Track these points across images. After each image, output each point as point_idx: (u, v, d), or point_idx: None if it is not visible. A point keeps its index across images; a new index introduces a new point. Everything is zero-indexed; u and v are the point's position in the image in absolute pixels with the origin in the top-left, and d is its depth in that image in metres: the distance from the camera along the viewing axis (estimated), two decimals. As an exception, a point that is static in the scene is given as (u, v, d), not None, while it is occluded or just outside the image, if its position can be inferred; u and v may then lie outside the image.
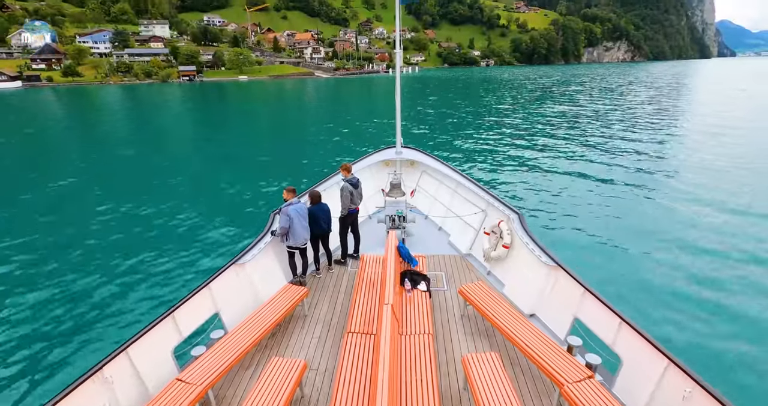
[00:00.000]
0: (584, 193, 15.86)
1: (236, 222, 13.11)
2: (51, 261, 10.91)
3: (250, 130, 34.81)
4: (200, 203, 15.07)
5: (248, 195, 16.01)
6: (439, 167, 9.47)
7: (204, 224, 13.04)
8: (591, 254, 10.74)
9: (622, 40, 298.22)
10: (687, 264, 10.45)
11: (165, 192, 16.75)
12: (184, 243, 11.68)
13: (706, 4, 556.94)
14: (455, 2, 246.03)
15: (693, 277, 9.86)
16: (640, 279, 9.64)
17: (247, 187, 16.92)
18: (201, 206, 14.80)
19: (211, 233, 12.31)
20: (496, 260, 7.05)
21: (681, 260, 10.66)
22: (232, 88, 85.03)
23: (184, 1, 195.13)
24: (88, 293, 9.36)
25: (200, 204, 14.97)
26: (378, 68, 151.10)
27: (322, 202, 6.96)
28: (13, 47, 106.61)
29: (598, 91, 63.39)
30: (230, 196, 16.02)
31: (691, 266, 10.34)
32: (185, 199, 15.69)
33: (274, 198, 14.94)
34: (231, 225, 12.85)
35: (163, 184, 18.06)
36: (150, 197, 15.93)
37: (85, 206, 15.11)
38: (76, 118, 44.23)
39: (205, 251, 11.22)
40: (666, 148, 24.13)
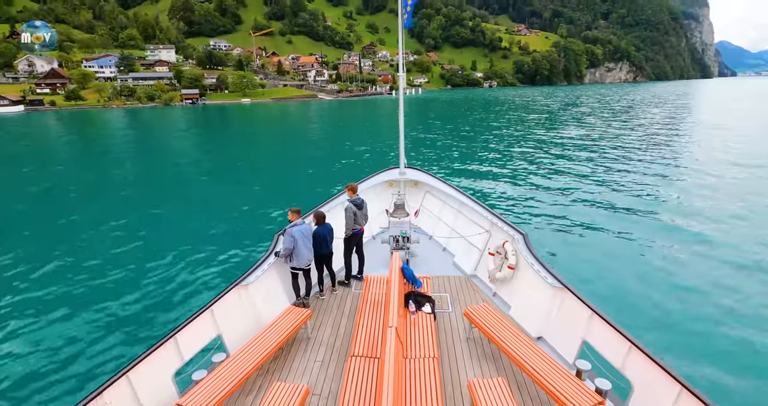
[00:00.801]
0: (589, 213, 15.54)
1: (240, 243, 12.96)
2: (53, 281, 10.82)
3: (253, 151, 34.42)
4: (203, 224, 14.86)
5: (252, 216, 15.92)
6: (442, 188, 9.48)
7: (207, 244, 12.90)
8: (597, 276, 10.45)
9: (624, 61, 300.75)
10: (699, 286, 10.00)
11: (167, 214, 16.68)
12: (188, 264, 11.56)
13: (705, 26, 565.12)
14: (457, 26, 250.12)
15: (706, 300, 9.45)
16: (649, 301, 9.31)
17: (251, 208, 16.80)
18: (204, 226, 14.60)
19: (214, 254, 12.15)
20: (501, 281, 6.93)
21: (691, 281, 10.24)
22: (235, 110, 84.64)
23: (191, 27, 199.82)
24: (87, 315, 9.21)
25: (203, 225, 14.77)
26: (381, 90, 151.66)
27: (326, 222, 6.92)
28: (19, 72, 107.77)
29: (606, 112, 61.62)
30: (234, 217, 15.83)
31: (703, 288, 9.90)
32: (188, 220, 15.55)
33: (278, 219, 14.83)
34: (234, 246, 12.70)
35: (164, 205, 17.86)
36: (152, 219, 15.84)
37: (86, 227, 15.01)
38: (75, 142, 43.41)
39: (208, 272, 11.11)
40: (678, 168, 23.19)
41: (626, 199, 17.34)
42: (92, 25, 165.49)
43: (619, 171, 22.57)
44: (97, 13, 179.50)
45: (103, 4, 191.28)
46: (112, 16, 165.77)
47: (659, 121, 48.94)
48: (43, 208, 18.38)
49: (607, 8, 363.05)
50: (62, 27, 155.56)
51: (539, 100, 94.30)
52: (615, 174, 21.91)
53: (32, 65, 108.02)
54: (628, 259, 11.58)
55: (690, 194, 18.05)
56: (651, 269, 10.92)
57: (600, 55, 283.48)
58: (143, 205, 17.96)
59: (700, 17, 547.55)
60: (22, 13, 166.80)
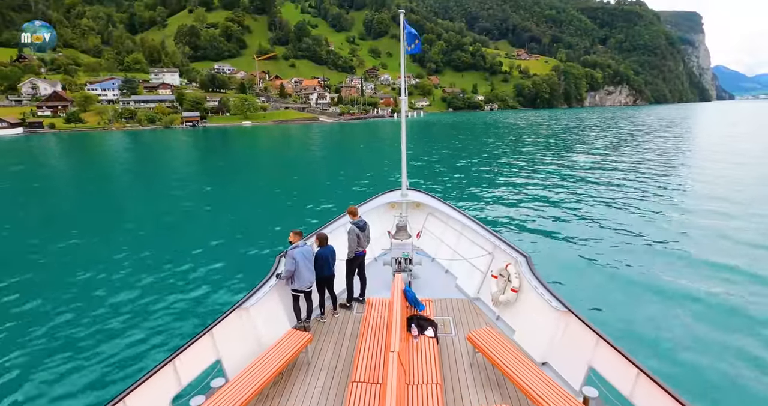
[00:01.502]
0: (593, 236, 15.17)
1: (241, 264, 12.86)
2: (51, 303, 10.71)
3: (253, 172, 33.89)
4: (203, 245, 14.66)
5: (253, 237, 15.66)
6: (444, 209, 9.50)
7: (208, 266, 12.76)
8: (602, 300, 10.21)
9: (623, 84, 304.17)
10: (710, 312, 9.74)
11: (166, 236, 16.40)
12: (188, 285, 11.46)
13: (701, 51, 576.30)
14: (458, 50, 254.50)
15: (717, 327, 9.15)
16: (656, 326, 9.08)
17: (252, 230, 16.64)
18: (204, 248, 14.43)
19: (215, 276, 12.04)
20: (504, 304, 6.84)
21: (702, 307, 9.98)
22: (235, 133, 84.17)
23: (196, 52, 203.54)
24: (85, 337, 9.06)
25: (203, 246, 14.59)
26: (383, 113, 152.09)
27: (328, 244, 6.91)
28: (23, 95, 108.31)
29: (610, 134, 60.08)
30: (235, 238, 15.61)
31: (715, 316, 9.62)
32: (188, 241, 15.31)
33: (279, 240, 14.54)
34: (235, 267, 12.60)
35: (164, 227, 17.57)
36: (150, 241, 15.56)
37: (82, 248, 14.90)
38: (72, 165, 42.51)
39: (209, 293, 10.97)
40: (688, 193, 22.55)
41: (632, 222, 16.90)
42: (100, 49, 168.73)
43: (625, 194, 21.98)
44: (106, 38, 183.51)
45: (111, 29, 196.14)
46: (120, 42, 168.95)
47: (670, 144, 47.42)
48: (41, 229, 17.71)
49: (605, 34, 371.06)
50: (69, 51, 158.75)
51: (542, 123, 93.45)
52: (621, 197, 21.35)
53: (36, 88, 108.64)
54: (633, 283, 11.27)
55: (701, 218, 17.38)
56: (658, 294, 10.57)
57: (599, 79, 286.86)
58: (141, 226, 17.59)
59: (696, 42, 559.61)
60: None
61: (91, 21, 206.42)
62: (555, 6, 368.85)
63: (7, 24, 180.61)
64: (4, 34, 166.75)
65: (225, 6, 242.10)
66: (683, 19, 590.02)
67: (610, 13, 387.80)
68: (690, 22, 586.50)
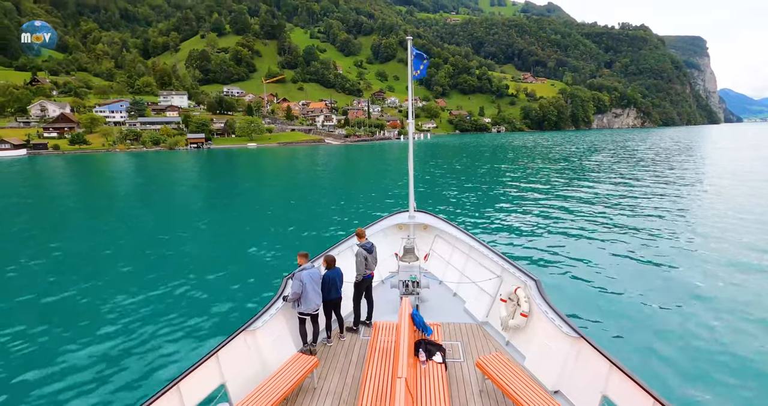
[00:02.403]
0: (605, 259, 14.67)
1: (247, 286, 12.64)
2: (50, 324, 10.47)
3: (258, 195, 33.50)
4: (209, 267, 14.40)
5: (260, 259, 15.43)
6: (452, 231, 9.41)
7: (214, 287, 12.59)
8: (614, 326, 9.67)
9: (631, 107, 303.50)
10: (729, 341, 9.18)
11: (171, 257, 16.10)
12: (194, 308, 11.14)
13: (707, 74, 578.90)
14: (464, 74, 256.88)
15: (736, 354, 8.69)
16: (672, 355, 8.66)
17: (259, 251, 16.29)
18: (210, 269, 14.17)
19: (221, 298, 11.83)
20: (514, 329, 6.69)
21: (721, 335, 9.43)
22: (240, 154, 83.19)
23: (207, 75, 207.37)
24: (86, 359, 8.92)
25: (209, 267, 14.31)
26: (390, 135, 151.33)
27: (336, 267, 6.86)
28: (31, 117, 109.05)
29: (623, 157, 57.25)
30: (241, 261, 15.29)
31: (734, 343, 9.11)
32: (193, 263, 15.05)
33: (286, 262, 14.57)
34: (242, 289, 12.42)
35: (168, 248, 17.17)
36: (155, 262, 15.33)
37: (87, 269, 14.66)
38: (72, 186, 41.31)
39: (215, 315, 10.63)
40: (711, 218, 21.21)
41: (648, 246, 16.00)
42: (112, 73, 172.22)
43: (642, 218, 20.95)
44: (119, 62, 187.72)
45: (125, 54, 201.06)
46: (132, 65, 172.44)
47: (693, 167, 44.52)
48: (42, 250, 17.16)
49: (610, 58, 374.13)
50: (82, 74, 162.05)
51: (550, 146, 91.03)
52: (636, 220, 20.44)
53: (45, 110, 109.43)
54: (648, 309, 10.77)
55: (722, 244, 16.32)
56: (675, 321, 10.07)
57: (606, 102, 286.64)
58: (144, 248, 17.14)
59: (701, 66, 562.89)
60: (48, 63, 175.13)
61: (106, 46, 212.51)
62: (559, 31, 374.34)
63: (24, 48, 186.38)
64: (21, 59, 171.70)
65: (236, 32, 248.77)
66: (688, 43, 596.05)
67: (614, 37, 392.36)
68: (694, 47, 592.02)
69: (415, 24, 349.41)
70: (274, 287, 6.47)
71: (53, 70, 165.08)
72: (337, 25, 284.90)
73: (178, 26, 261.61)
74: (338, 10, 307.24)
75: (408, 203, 9.45)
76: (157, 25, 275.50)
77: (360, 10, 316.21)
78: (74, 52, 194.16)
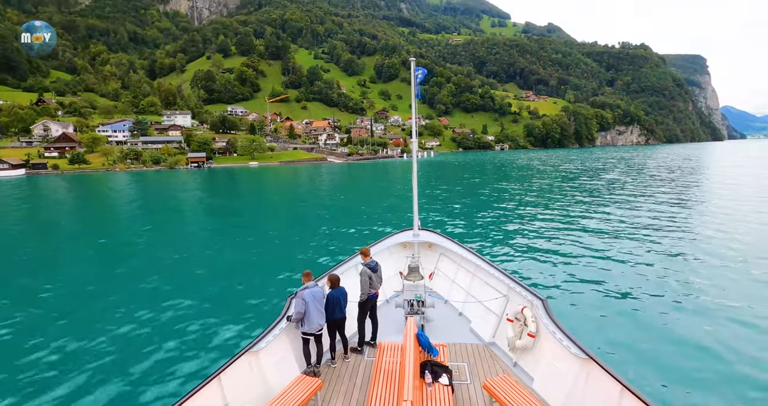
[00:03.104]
0: (614, 278, 14.13)
1: (251, 307, 12.20)
2: (52, 346, 10.18)
3: (260, 214, 33.11)
4: (212, 286, 14.13)
5: (264, 278, 15.17)
6: (457, 250, 9.42)
7: (216, 308, 12.16)
8: (625, 347, 9.41)
9: (634, 124, 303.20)
10: (747, 363, 8.81)
11: (173, 276, 15.67)
12: (195, 329, 10.81)
13: (708, 92, 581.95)
14: (467, 93, 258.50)
15: (751, 377, 8.28)
16: (685, 376, 8.39)
17: (262, 271, 16.12)
18: (213, 289, 13.87)
19: (223, 318, 11.36)
20: (522, 350, 6.56)
21: (738, 356, 9.02)
22: (241, 173, 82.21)
23: (211, 95, 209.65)
24: (84, 381, 8.70)
25: (212, 287, 14.05)
26: (392, 153, 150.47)
27: (340, 286, 6.84)
28: (34, 137, 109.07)
29: (631, 176, 55.15)
30: (244, 280, 14.94)
31: (746, 364, 8.75)
32: (196, 283, 14.77)
33: (291, 281, 14.21)
34: (245, 310, 11.98)
35: (170, 268, 16.87)
36: (156, 283, 14.88)
37: (85, 288, 14.36)
38: (68, 205, 40.16)
39: (217, 336, 10.37)
40: (728, 233, 20.58)
41: (659, 265, 15.48)
42: (118, 93, 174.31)
43: (653, 233, 20.44)
44: (126, 83, 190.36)
45: (132, 75, 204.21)
46: (138, 86, 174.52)
47: (709, 185, 42.51)
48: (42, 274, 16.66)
49: (611, 76, 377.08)
50: (88, 95, 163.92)
51: (555, 163, 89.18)
52: (647, 237, 19.88)
53: (48, 130, 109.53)
54: (660, 330, 10.27)
55: (741, 264, 15.59)
56: (688, 342, 9.61)
57: (610, 119, 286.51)
58: (143, 269, 16.78)
59: (702, 84, 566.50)
60: (55, 84, 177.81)
61: (114, 67, 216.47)
62: (560, 50, 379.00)
63: (33, 70, 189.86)
64: (29, 80, 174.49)
65: (242, 53, 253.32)
66: (688, 61, 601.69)
67: (615, 56, 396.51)
68: (695, 65, 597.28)
69: (418, 45, 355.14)
70: (279, 306, 6.35)
71: (60, 90, 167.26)
72: (340, 46, 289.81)
73: (184, 48, 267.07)
74: (342, 32, 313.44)
75: (412, 221, 9.41)
76: (164, 47, 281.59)
77: (363, 31, 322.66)
78: (82, 73, 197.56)
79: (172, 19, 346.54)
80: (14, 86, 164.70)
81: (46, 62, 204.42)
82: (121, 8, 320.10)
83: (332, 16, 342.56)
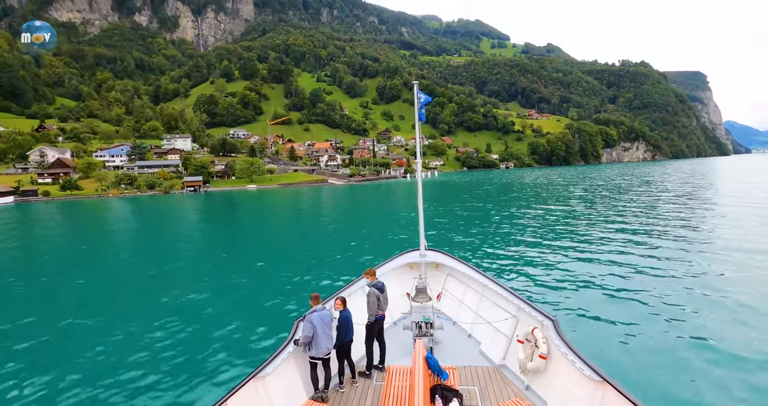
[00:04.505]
0: (625, 297, 13.62)
1: (257, 331, 11.95)
2: (50, 376, 9.85)
3: (260, 237, 32.32)
4: (217, 313, 13.59)
5: (270, 302, 14.61)
6: (464, 270, 9.42)
7: (222, 333, 11.85)
8: (640, 368, 9.13)
9: (640, 140, 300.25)
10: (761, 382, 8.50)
11: (178, 299, 15.29)
12: (200, 354, 10.57)
13: (711, 107, 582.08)
14: (469, 112, 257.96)
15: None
16: (704, 398, 8.12)
17: (269, 295, 15.44)
18: (218, 316, 13.38)
19: (229, 343, 11.19)
20: (534, 372, 6.43)
21: (755, 378, 8.69)
22: (238, 197, 79.23)
23: (213, 118, 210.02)
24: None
25: (217, 314, 13.53)
26: (395, 173, 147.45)
27: (347, 308, 6.86)
28: (30, 163, 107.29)
29: (644, 192, 51.05)
30: (250, 305, 14.52)
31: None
32: (201, 306, 14.40)
33: (298, 305, 13.84)
34: (252, 334, 11.75)
35: (174, 291, 16.22)
36: (159, 308, 14.43)
37: (87, 313, 14.00)
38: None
39: (223, 362, 10.13)
40: (749, 253, 19.39)
41: (671, 283, 14.94)
42: (121, 118, 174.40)
43: (670, 255, 19.56)
44: (130, 108, 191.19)
45: (135, 100, 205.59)
46: (140, 111, 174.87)
47: (731, 202, 38.92)
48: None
49: (613, 93, 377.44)
50: (89, 121, 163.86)
51: (565, 184, 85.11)
52: (664, 255, 19.34)
53: (44, 156, 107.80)
54: (676, 350, 9.98)
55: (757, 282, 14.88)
56: (706, 362, 9.35)
57: (615, 136, 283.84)
58: (145, 293, 16.44)
59: (704, 99, 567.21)
60: (59, 110, 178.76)
61: (119, 93, 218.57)
62: (561, 69, 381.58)
63: (38, 98, 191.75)
64: (33, 107, 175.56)
65: (245, 77, 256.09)
66: (688, 78, 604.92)
67: (616, 74, 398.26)
68: (696, 81, 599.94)
69: (419, 66, 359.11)
70: (285, 329, 6.25)
71: (63, 116, 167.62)
72: (343, 69, 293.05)
73: (189, 73, 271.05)
74: (344, 55, 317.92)
75: (418, 241, 9.37)
76: (169, 73, 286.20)
77: (365, 54, 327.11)
78: (87, 99, 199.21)
79: (178, 46, 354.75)
80: (18, 113, 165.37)
81: (52, 90, 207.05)
82: (129, 37, 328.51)
83: (335, 41, 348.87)
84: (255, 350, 10.75)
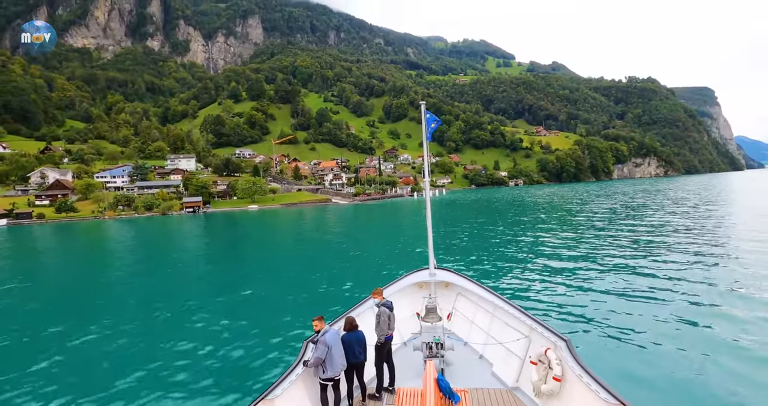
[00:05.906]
0: (640, 316, 13.08)
1: (264, 353, 11.68)
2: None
3: (261, 258, 32.04)
4: (223, 335, 13.40)
5: (277, 324, 14.38)
6: (474, 289, 9.30)
7: (229, 356, 11.65)
8: (656, 391, 8.85)
9: (651, 156, 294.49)
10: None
11: (182, 321, 15.22)
12: (207, 378, 10.38)
13: (720, 122, 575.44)
14: (476, 129, 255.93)
15: None
16: None
17: (275, 316, 15.36)
18: (224, 337, 13.19)
19: (236, 366, 10.96)
20: (548, 395, 6.25)
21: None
22: (240, 218, 76.30)
23: (220, 138, 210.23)
24: None
25: (223, 336, 13.34)
26: (402, 192, 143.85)
27: (357, 329, 6.76)
28: (30, 184, 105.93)
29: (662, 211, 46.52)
30: (257, 327, 14.09)
31: None
32: (205, 327, 14.23)
33: (305, 326, 13.42)
34: (259, 356, 11.47)
35: (177, 312, 16.43)
36: (166, 328, 14.60)
37: (90, 336, 13.76)
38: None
39: (230, 385, 9.89)
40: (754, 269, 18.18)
41: (688, 300, 14.39)
42: (128, 139, 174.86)
43: (687, 270, 18.60)
44: (138, 129, 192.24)
45: (144, 122, 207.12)
46: (147, 132, 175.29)
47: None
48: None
49: (621, 109, 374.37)
50: (97, 142, 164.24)
51: (574, 199, 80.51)
52: (682, 275, 17.95)
53: (45, 177, 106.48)
54: (695, 372, 9.56)
55: None
56: (727, 387, 8.91)
57: (625, 151, 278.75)
58: (149, 317, 16.03)
59: (713, 115, 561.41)
60: (68, 132, 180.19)
61: (128, 115, 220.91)
62: (567, 86, 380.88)
63: (48, 120, 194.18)
64: (42, 129, 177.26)
65: (252, 98, 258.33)
66: (696, 94, 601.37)
67: (623, 90, 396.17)
68: (704, 97, 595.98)
69: (425, 86, 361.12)
70: (293, 351, 6.37)
71: (71, 138, 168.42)
72: (349, 89, 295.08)
73: (197, 95, 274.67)
74: (351, 76, 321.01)
75: (428, 260, 9.31)
76: (179, 95, 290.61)
77: (372, 74, 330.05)
78: (96, 121, 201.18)
79: (188, 69, 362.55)
80: (27, 136, 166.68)
81: (62, 112, 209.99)
82: (141, 61, 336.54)
83: (341, 62, 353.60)
84: (262, 371, 10.48)
